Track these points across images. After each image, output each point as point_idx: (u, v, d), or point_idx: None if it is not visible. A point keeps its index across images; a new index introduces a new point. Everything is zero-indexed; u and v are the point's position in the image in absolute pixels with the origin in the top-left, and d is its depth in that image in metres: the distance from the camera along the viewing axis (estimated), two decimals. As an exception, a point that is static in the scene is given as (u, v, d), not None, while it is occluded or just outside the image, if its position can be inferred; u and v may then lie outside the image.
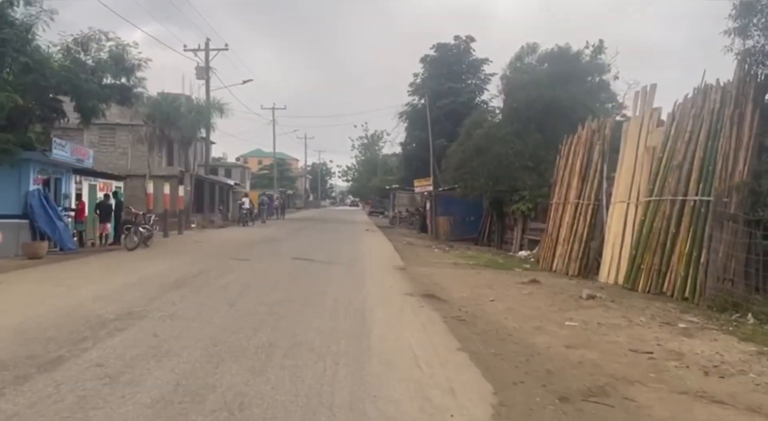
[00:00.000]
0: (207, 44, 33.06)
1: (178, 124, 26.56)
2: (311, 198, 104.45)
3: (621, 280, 10.78)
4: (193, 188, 28.92)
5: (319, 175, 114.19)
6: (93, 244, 18.92)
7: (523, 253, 24.09)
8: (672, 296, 9.53)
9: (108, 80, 18.05)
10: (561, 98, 24.87)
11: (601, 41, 27.74)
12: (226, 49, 33.33)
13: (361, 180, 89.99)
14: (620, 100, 27.44)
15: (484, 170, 25.14)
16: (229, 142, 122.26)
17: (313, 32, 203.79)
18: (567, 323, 7.37)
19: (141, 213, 16.84)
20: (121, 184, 26.23)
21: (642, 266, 10.07)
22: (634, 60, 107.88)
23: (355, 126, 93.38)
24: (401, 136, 49.68)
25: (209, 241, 20.57)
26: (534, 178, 24.81)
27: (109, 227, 18.53)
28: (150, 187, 21.39)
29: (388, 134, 75.39)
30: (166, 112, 26.87)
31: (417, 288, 10.25)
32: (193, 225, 30.79)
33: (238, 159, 73.69)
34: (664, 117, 11.16)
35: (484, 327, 7.12)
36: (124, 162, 33.81)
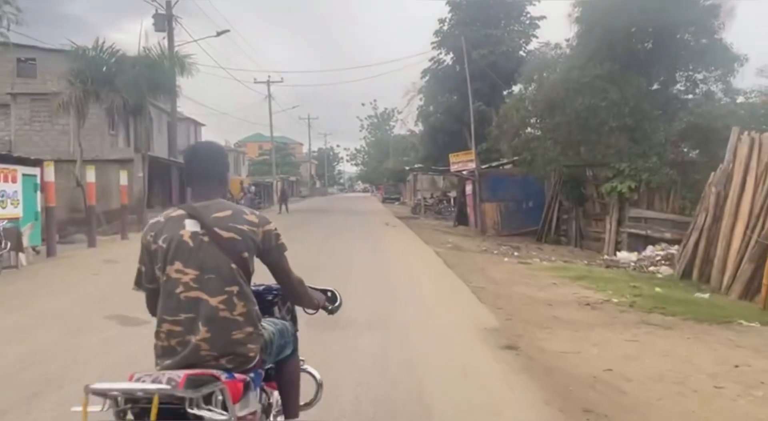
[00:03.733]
0: (167, -17, 24.97)
1: (116, 85, 18.62)
2: (317, 185, 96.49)
3: None
4: (147, 175, 21.05)
5: (325, 160, 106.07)
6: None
7: (626, 255, 16.21)
8: None
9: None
10: (678, 23, 16.71)
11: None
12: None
13: (371, 163, 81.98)
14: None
15: (562, 134, 17.06)
16: (227, 128, 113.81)
17: (315, 12, 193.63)
18: None
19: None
20: (35, 171, 18.37)
21: None
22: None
23: (363, 104, 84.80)
24: (413, 115, 41.84)
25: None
26: (631, 144, 16.86)
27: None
28: (49, 174, 13.55)
29: (399, 112, 66.82)
30: (102, 69, 18.96)
31: None
32: (155, 224, 23.01)
33: (237, 144, 65.74)
34: None
35: None
36: (66, 143, 26.01)
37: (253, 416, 2.06)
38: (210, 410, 1.74)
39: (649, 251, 15.81)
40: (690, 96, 18.54)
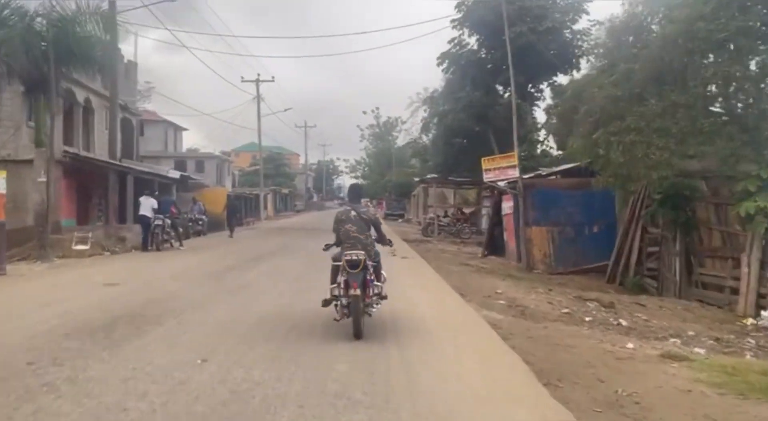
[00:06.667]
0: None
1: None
2: (315, 198, 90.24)
3: None
4: (51, 179, 14.77)
5: (324, 173, 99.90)
6: None
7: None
8: None
9: None
10: None
11: None
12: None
13: (372, 176, 75.76)
14: None
15: (681, 122, 10.83)
16: (222, 135, 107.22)
17: (309, 19, 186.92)
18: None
19: None
20: None
21: None
22: None
23: (365, 112, 78.62)
24: (417, 127, 36.31)
25: None
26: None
27: None
28: None
29: (404, 122, 60.50)
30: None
31: None
32: (82, 247, 16.78)
33: (224, 152, 59.47)
34: None
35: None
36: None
37: (371, 276, 6.63)
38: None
39: None
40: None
